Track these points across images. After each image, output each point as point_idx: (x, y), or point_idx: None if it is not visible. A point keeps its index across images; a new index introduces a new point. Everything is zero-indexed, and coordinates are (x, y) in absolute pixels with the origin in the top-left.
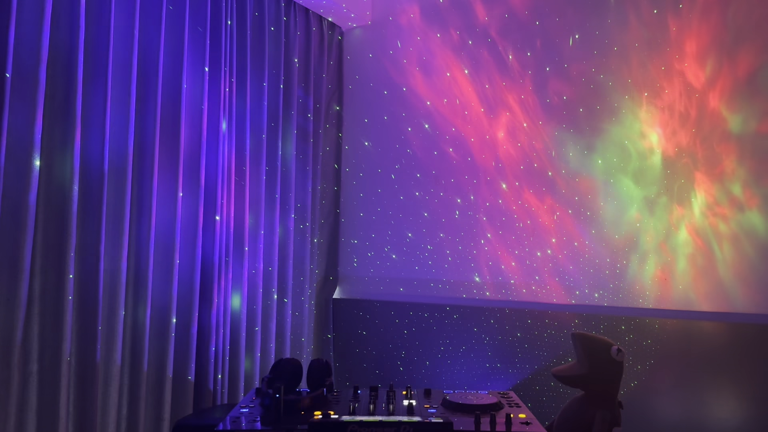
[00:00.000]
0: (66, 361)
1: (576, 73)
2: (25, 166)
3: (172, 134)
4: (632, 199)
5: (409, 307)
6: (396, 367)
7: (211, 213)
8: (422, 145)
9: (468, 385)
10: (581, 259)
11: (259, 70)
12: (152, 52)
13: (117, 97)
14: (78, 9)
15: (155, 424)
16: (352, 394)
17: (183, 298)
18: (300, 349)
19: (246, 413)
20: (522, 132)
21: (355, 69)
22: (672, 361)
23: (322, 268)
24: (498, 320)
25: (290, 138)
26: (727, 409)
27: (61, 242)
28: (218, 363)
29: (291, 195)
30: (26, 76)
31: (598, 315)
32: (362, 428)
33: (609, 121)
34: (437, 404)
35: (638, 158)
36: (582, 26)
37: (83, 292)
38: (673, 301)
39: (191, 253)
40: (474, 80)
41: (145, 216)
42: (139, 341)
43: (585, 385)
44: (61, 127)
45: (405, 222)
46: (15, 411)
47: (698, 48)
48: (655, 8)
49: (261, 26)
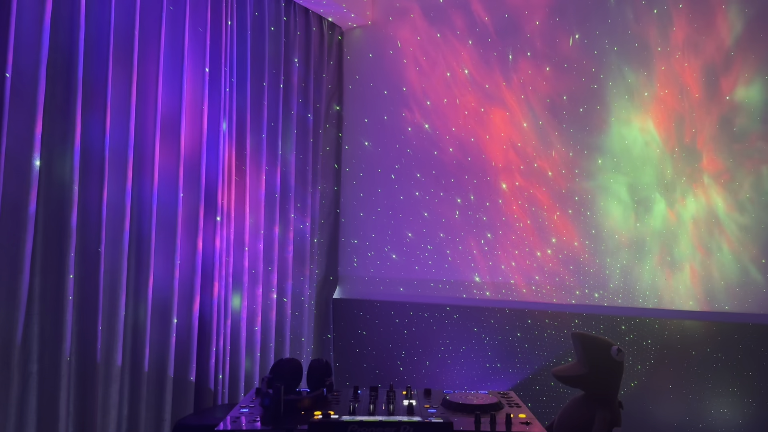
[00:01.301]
0: (66, 361)
1: (576, 73)
2: (25, 166)
3: (172, 134)
4: (632, 198)
5: (409, 307)
6: (396, 367)
7: (211, 213)
8: (422, 145)
9: (468, 385)
10: (581, 259)
11: (259, 70)
12: (152, 52)
13: (117, 97)
14: (78, 9)
15: (156, 424)
16: (352, 394)
17: (183, 298)
18: (300, 349)
19: (246, 413)
20: (522, 132)
21: (355, 69)
22: (672, 361)
23: (322, 268)
24: (498, 320)
25: (290, 138)
26: (727, 408)
27: (61, 242)
28: (218, 363)
29: (291, 195)
30: (26, 76)
31: (598, 315)
32: (362, 428)
33: (609, 120)
34: (437, 404)
35: (638, 158)
36: (582, 26)
37: (83, 292)
38: (673, 301)
39: (191, 253)
40: (474, 80)
41: (145, 216)
42: (140, 341)
43: (585, 385)
44: (61, 127)
45: (405, 222)
46: (15, 411)
47: (698, 48)
48: (654, 8)
49: (261, 26)
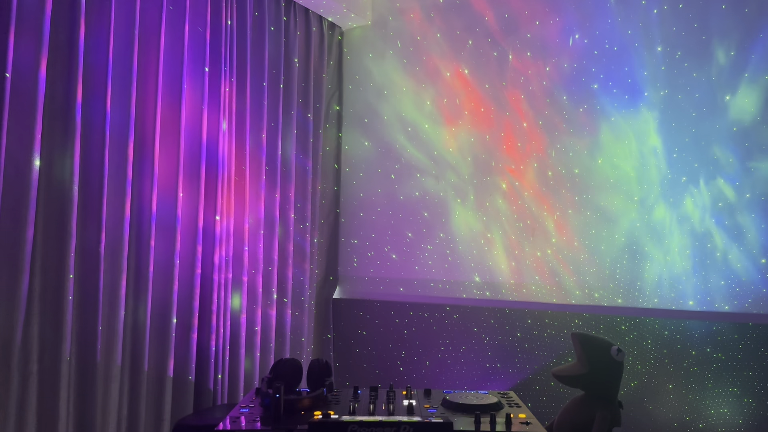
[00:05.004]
0: (66, 361)
1: (576, 73)
2: (25, 166)
3: (172, 134)
4: (632, 198)
5: (409, 307)
6: (396, 367)
7: (211, 213)
8: (422, 145)
9: (468, 385)
10: (581, 259)
11: (259, 70)
12: (152, 52)
13: (117, 97)
14: (78, 9)
15: (155, 424)
16: (352, 394)
17: (183, 298)
18: (300, 349)
19: (246, 413)
20: (522, 132)
21: (355, 69)
22: (672, 361)
23: (322, 268)
24: (498, 320)
25: (290, 138)
26: (727, 408)
27: (61, 242)
28: (218, 363)
29: (291, 195)
30: (26, 76)
31: (598, 315)
32: (362, 428)
33: (609, 120)
34: (437, 404)
35: (639, 158)
36: (582, 26)
37: (83, 292)
38: (673, 301)
39: (191, 253)
40: (474, 80)
41: (145, 216)
42: (140, 341)
43: (585, 385)
44: (61, 127)
45: (405, 222)
46: (15, 411)
47: (698, 48)
48: (654, 8)
49: (261, 26)
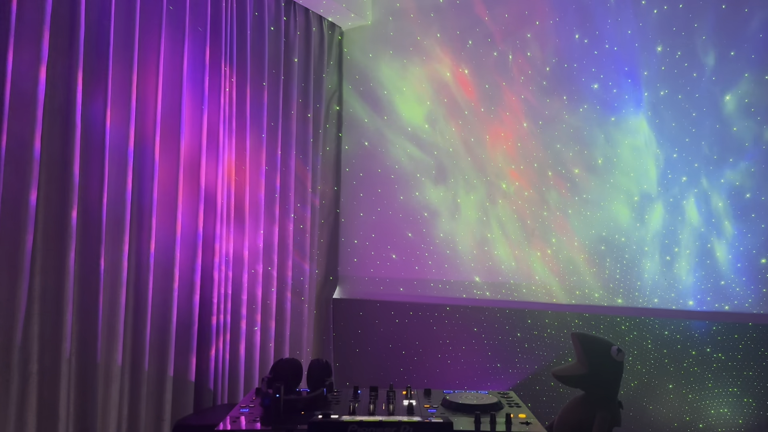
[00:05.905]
0: (66, 361)
1: (576, 73)
2: (25, 166)
3: (172, 134)
4: (632, 198)
5: (409, 307)
6: (396, 367)
7: (211, 214)
8: (422, 145)
9: (468, 385)
10: (581, 258)
11: (259, 70)
12: (152, 52)
13: (117, 97)
14: (78, 9)
15: (156, 424)
16: (352, 394)
17: (183, 298)
18: (300, 349)
19: (246, 413)
20: (522, 132)
21: (355, 69)
22: (672, 361)
23: (322, 268)
24: (498, 320)
25: (290, 138)
26: (727, 408)
27: (61, 242)
28: (218, 363)
29: (291, 195)
30: (26, 76)
31: (598, 315)
32: (362, 428)
33: (609, 120)
34: (437, 404)
35: (639, 158)
36: (582, 26)
37: (83, 292)
38: (673, 301)
39: (191, 253)
40: (474, 80)
41: (145, 216)
42: (140, 341)
43: (585, 385)
44: (61, 127)
45: (405, 222)
46: (15, 411)
47: (698, 48)
48: (654, 8)
49: (261, 26)
